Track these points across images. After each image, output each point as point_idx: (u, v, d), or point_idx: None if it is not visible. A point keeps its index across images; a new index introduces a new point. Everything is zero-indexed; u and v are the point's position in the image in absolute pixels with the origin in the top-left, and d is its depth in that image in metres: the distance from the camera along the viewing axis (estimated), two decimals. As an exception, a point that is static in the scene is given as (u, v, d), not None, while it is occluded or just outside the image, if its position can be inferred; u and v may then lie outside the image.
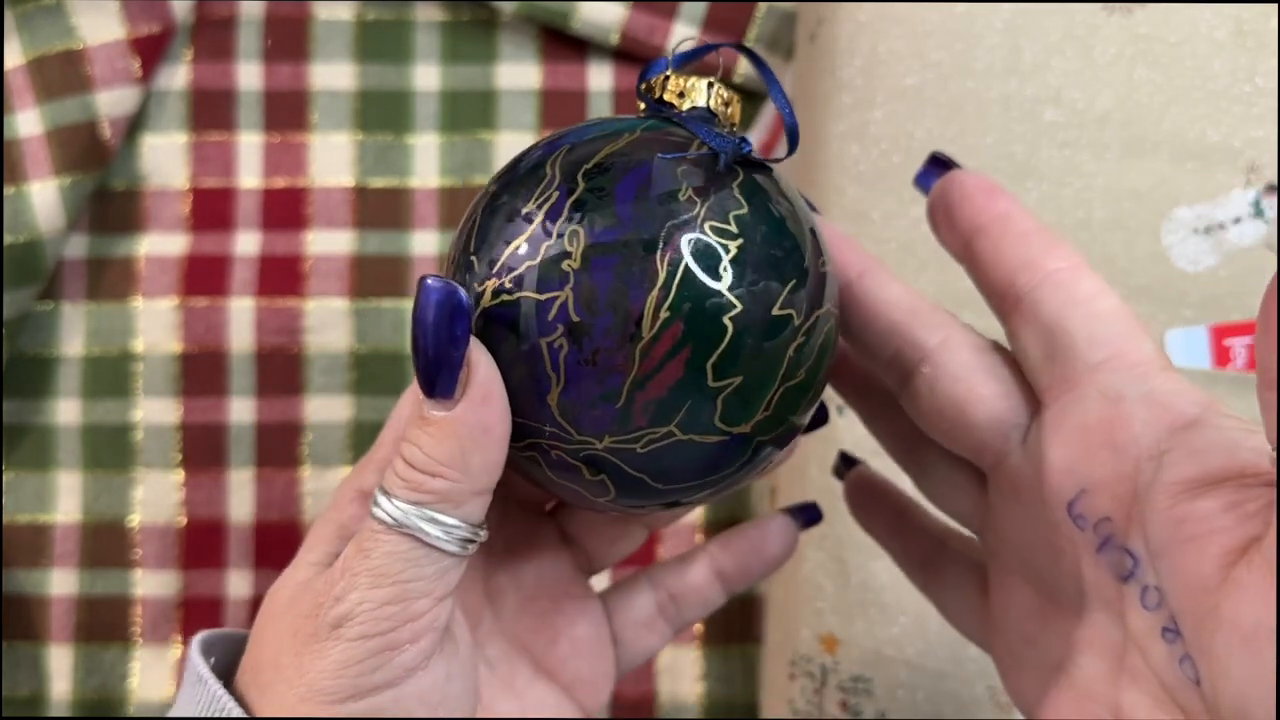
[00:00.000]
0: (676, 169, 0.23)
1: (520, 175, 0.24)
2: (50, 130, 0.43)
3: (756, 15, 0.45)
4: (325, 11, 0.47)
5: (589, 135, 0.24)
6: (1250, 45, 0.36)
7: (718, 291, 0.22)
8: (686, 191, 0.22)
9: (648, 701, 0.44)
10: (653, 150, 0.23)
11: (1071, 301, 0.23)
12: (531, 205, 0.23)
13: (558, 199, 0.23)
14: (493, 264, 0.23)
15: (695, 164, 0.23)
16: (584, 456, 0.23)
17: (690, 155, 0.23)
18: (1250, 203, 0.36)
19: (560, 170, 0.23)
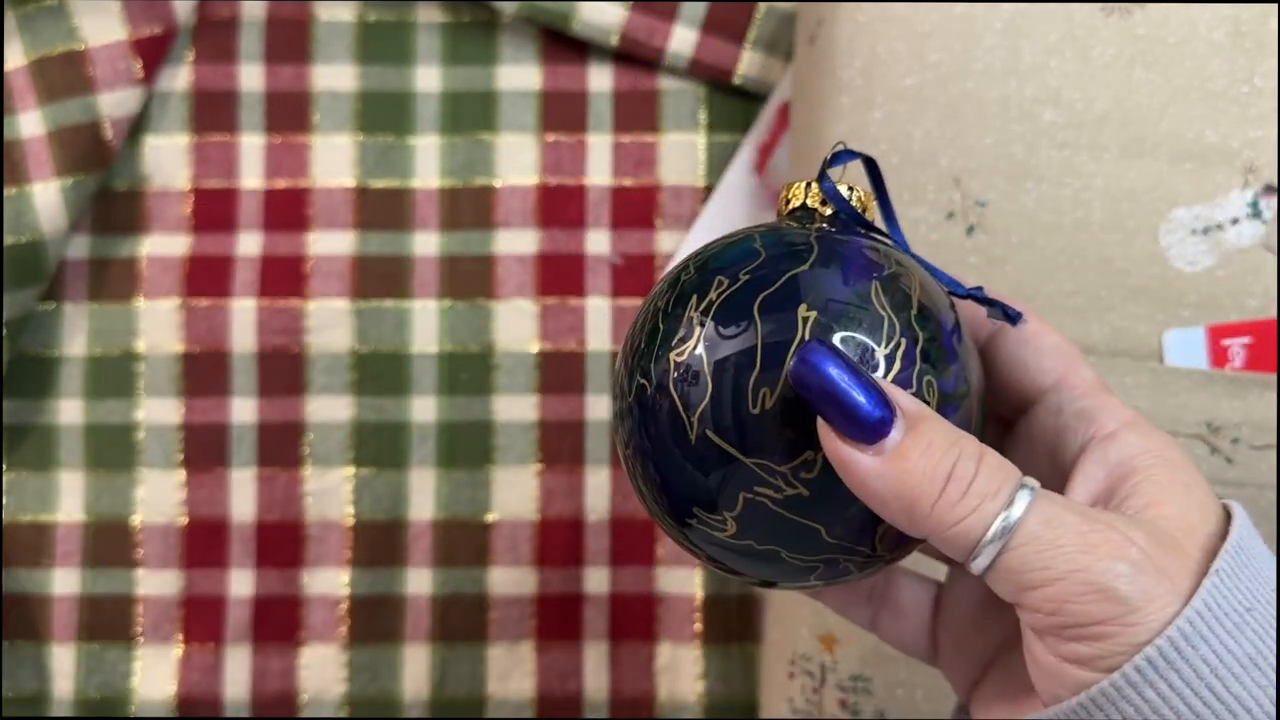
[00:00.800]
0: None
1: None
2: (52, 131, 0.44)
3: (756, 17, 0.45)
4: (326, 13, 0.47)
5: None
6: (1248, 46, 0.36)
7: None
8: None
9: (647, 701, 0.44)
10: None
11: (1021, 341, 0.28)
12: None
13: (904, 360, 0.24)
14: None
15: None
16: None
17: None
18: (1248, 203, 0.36)
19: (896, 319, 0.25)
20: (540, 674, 0.45)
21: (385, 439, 0.45)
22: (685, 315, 0.24)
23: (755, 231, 0.26)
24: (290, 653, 0.45)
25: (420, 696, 0.45)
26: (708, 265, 0.25)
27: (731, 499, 0.24)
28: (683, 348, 0.24)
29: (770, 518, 0.24)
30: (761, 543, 0.24)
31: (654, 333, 0.25)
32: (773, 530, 0.24)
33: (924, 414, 0.23)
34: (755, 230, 0.26)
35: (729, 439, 0.24)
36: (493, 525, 0.45)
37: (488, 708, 0.45)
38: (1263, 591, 0.23)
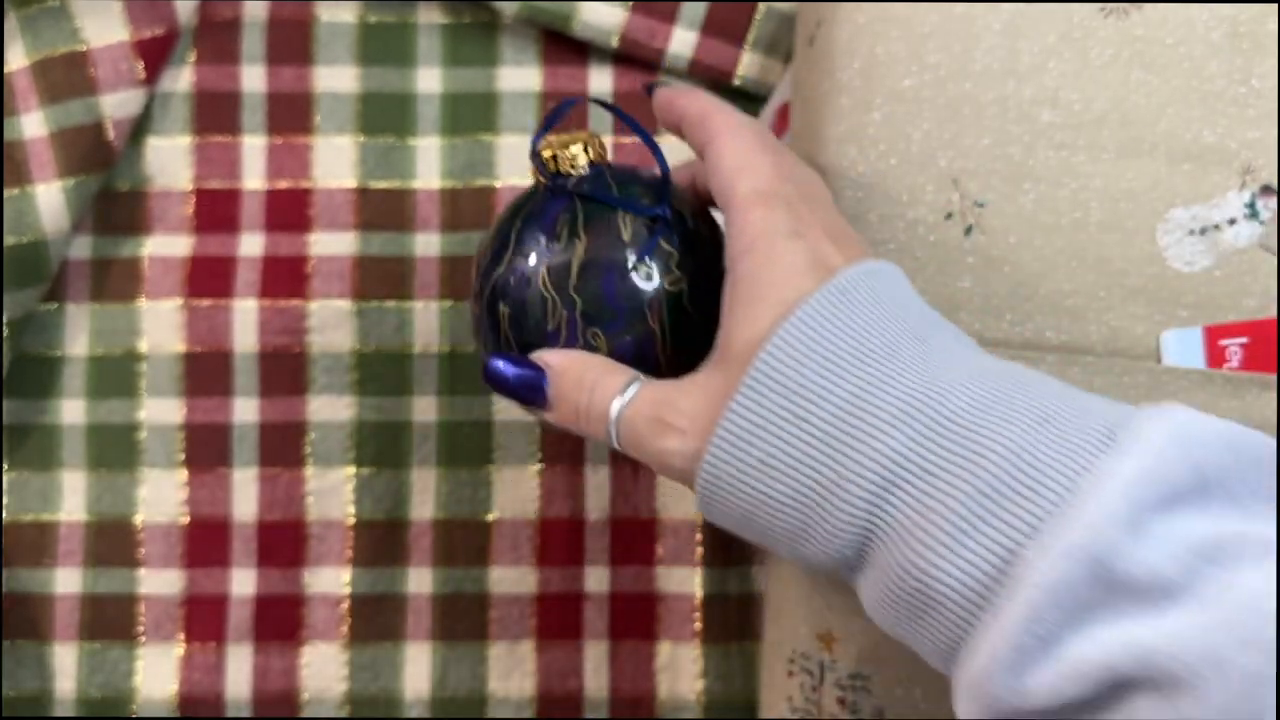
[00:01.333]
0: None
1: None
2: (54, 132, 0.44)
3: (756, 17, 0.45)
4: (328, 14, 0.47)
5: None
6: (1246, 47, 0.36)
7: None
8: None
9: (647, 700, 0.45)
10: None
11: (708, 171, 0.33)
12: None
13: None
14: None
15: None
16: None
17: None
18: (1245, 204, 0.36)
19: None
20: (540, 673, 0.45)
21: (386, 439, 0.45)
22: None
23: (517, 211, 0.35)
24: (291, 652, 0.45)
25: (421, 695, 0.45)
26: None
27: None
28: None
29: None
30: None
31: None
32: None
33: (559, 370, 0.32)
34: (519, 206, 0.35)
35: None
36: (493, 524, 0.45)
37: (488, 706, 0.45)
38: (792, 386, 0.28)
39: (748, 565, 0.45)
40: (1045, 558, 0.25)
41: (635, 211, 0.33)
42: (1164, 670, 0.24)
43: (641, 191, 0.34)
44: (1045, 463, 0.26)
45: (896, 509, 0.27)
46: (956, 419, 0.27)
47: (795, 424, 0.28)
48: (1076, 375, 0.36)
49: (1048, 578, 0.25)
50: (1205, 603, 0.24)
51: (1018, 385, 0.28)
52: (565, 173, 0.34)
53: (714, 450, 0.29)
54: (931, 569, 0.26)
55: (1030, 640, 0.25)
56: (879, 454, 0.27)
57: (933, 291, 0.37)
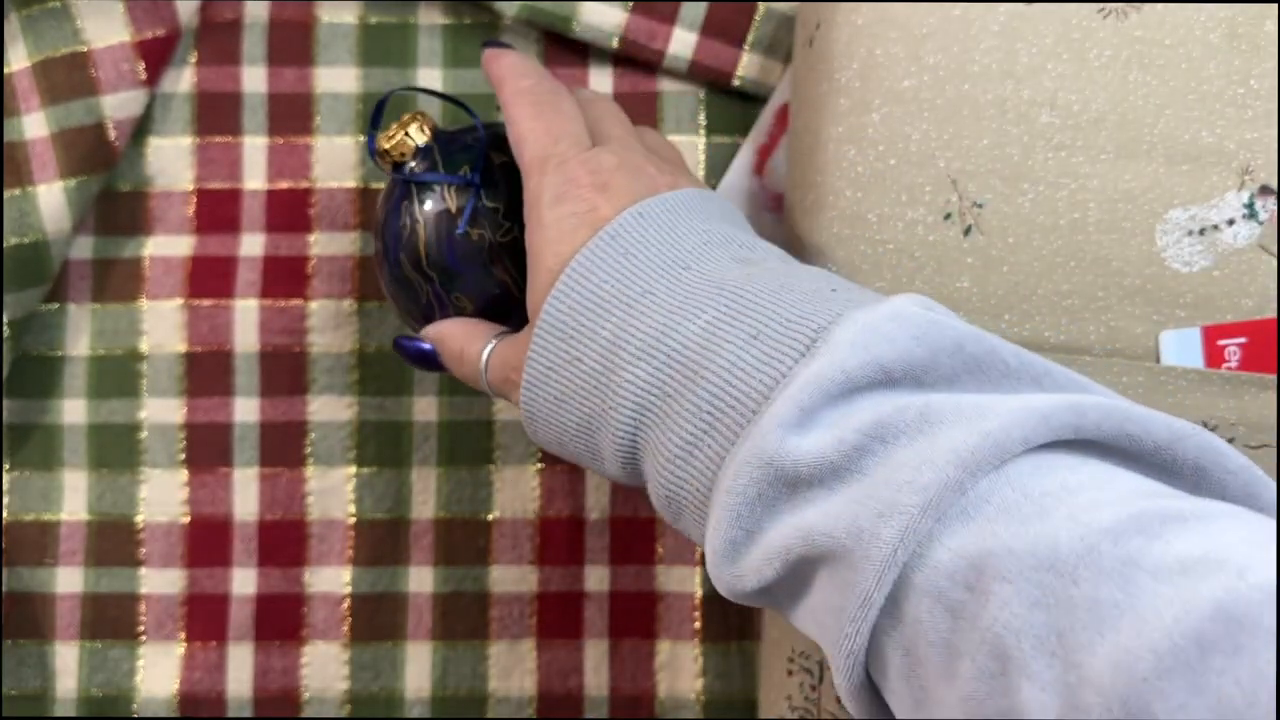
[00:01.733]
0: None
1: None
2: (56, 132, 0.44)
3: (755, 19, 0.45)
4: (329, 15, 0.47)
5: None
6: (1244, 48, 0.36)
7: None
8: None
9: (647, 699, 0.45)
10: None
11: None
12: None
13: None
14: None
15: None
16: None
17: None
18: (1244, 204, 0.36)
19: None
20: (541, 671, 0.45)
21: (387, 438, 0.46)
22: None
23: (380, 211, 0.39)
24: (293, 651, 0.45)
25: (422, 694, 0.45)
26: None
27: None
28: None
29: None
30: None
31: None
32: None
33: (437, 340, 0.38)
34: (380, 206, 0.40)
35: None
36: (494, 524, 0.45)
37: (489, 705, 0.45)
38: (569, 332, 0.33)
39: (747, 565, 0.45)
40: (733, 465, 0.28)
41: (450, 182, 0.37)
42: (821, 546, 0.27)
43: (464, 158, 0.38)
44: (750, 375, 0.29)
45: (649, 431, 0.31)
46: (687, 345, 0.30)
47: (571, 366, 0.32)
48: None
49: (737, 483, 0.28)
50: (861, 479, 0.27)
51: (751, 299, 0.30)
52: (401, 160, 0.38)
53: (522, 394, 0.34)
54: (673, 480, 0.30)
55: (739, 534, 0.28)
56: (631, 385, 0.31)
57: (931, 292, 0.37)
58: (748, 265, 0.32)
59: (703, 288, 0.31)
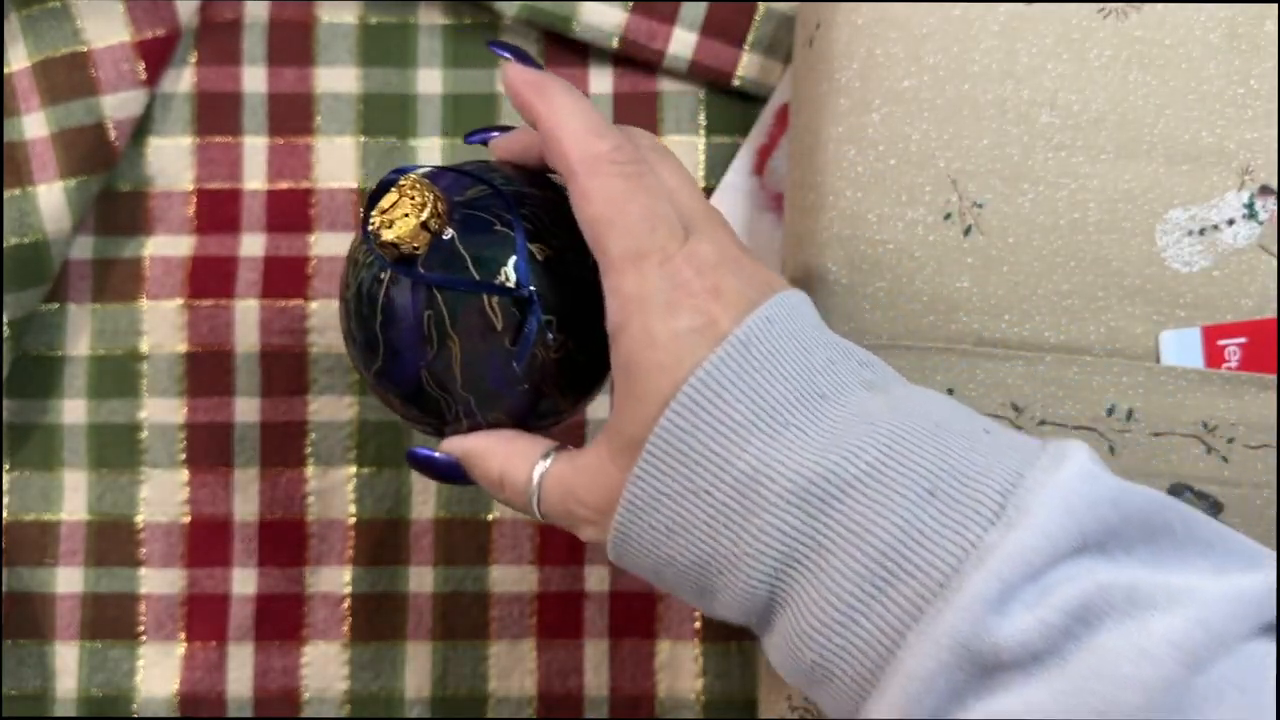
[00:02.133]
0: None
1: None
2: (56, 132, 0.44)
3: (755, 19, 0.45)
4: (329, 15, 0.47)
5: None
6: (1244, 48, 0.36)
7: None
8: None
9: (647, 698, 0.45)
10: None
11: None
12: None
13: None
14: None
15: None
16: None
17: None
18: (1244, 204, 0.36)
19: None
20: (541, 671, 0.45)
21: (387, 438, 0.46)
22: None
23: (373, 303, 0.33)
24: (293, 651, 0.45)
25: (422, 694, 0.45)
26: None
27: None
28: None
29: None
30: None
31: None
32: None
33: (468, 456, 0.33)
34: (372, 296, 0.33)
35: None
36: (494, 523, 0.45)
37: (489, 705, 0.45)
38: (687, 461, 0.28)
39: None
40: (921, 645, 0.25)
41: (498, 294, 0.31)
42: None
43: (497, 251, 0.31)
44: (932, 540, 0.26)
45: (795, 585, 0.27)
46: (848, 492, 0.27)
47: (693, 497, 0.28)
48: (1075, 375, 0.36)
49: (924, 667, 0.25)
50: (1066, 668, 0.24)
51: (913, 443, 0.27)
52: (413, 255, 0.31)
53: (619, 520, 0.29)
54: (828, 646, 0.27)
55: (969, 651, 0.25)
56: (778, 532, 0.27)
57: (931, 292, 0.37)
58: (879, 393, 0.29)
59: (849, 423, 0.28)
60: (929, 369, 0.37)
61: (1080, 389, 0.36)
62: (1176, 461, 0.36)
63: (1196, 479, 0.36)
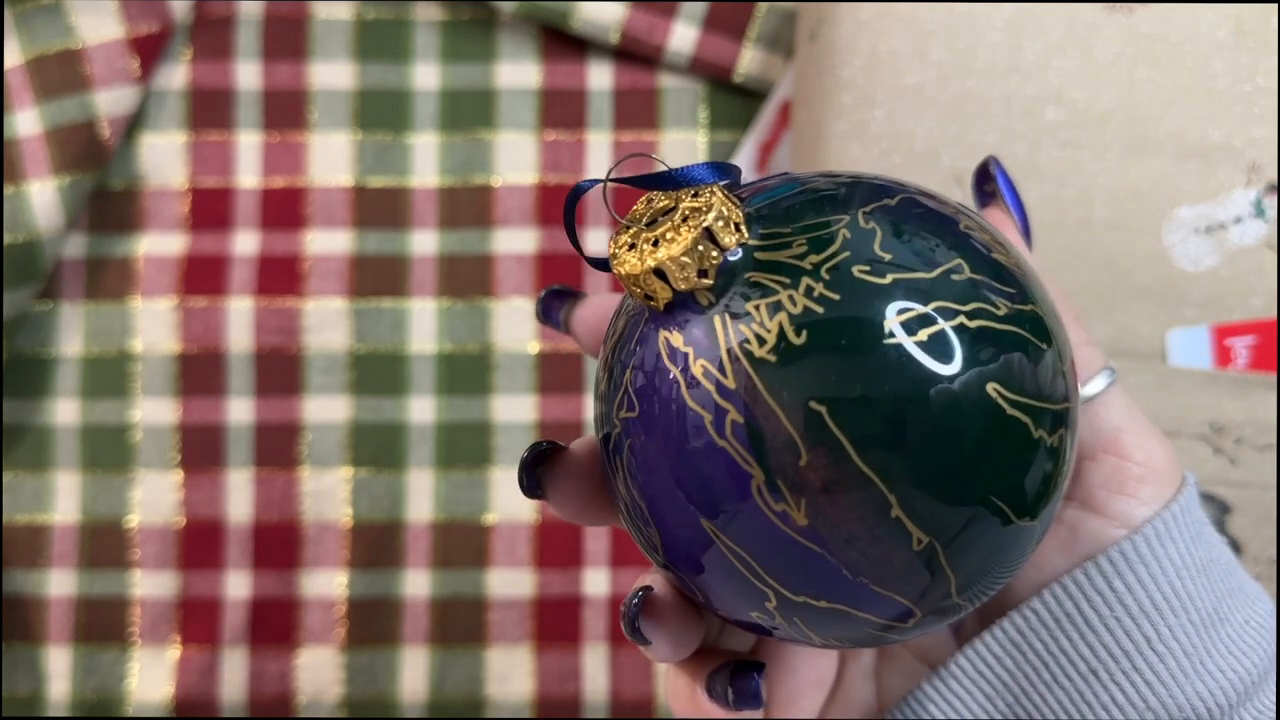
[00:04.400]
0: None
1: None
2: (49, 129, 0.43)
3: (757, 14, 0.45)
4: (324, 11, 0.47)
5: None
6: (1251, 45, 0.36)
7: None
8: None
9: (647, 702, 0.44)
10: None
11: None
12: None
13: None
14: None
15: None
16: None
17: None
18: (1251, 202, 0.36)
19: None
20: (539, 676, 0.44)
21: (383, 439, 0.45)
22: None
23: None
24: (287, 655, 0.45)
25: (418, 699, 0.44)
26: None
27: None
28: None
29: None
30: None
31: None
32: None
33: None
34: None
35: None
36: (491, 527, 0.45)
37: (486, 710, 0.44)
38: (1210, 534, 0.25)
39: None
40: None
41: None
42: None
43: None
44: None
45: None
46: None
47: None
48: (1081, 375, 0.36)
49: None
50: None
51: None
52: (694, 286, 0.19)
53: None
54: None
55: None
56: (1237, 672, 0.24)
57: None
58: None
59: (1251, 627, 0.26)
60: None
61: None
62: (1184, 463, 0.36)
63: (1204, 480, 0.36)
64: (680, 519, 0.19)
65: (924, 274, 0.18)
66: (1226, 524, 0.36)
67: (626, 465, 0.20)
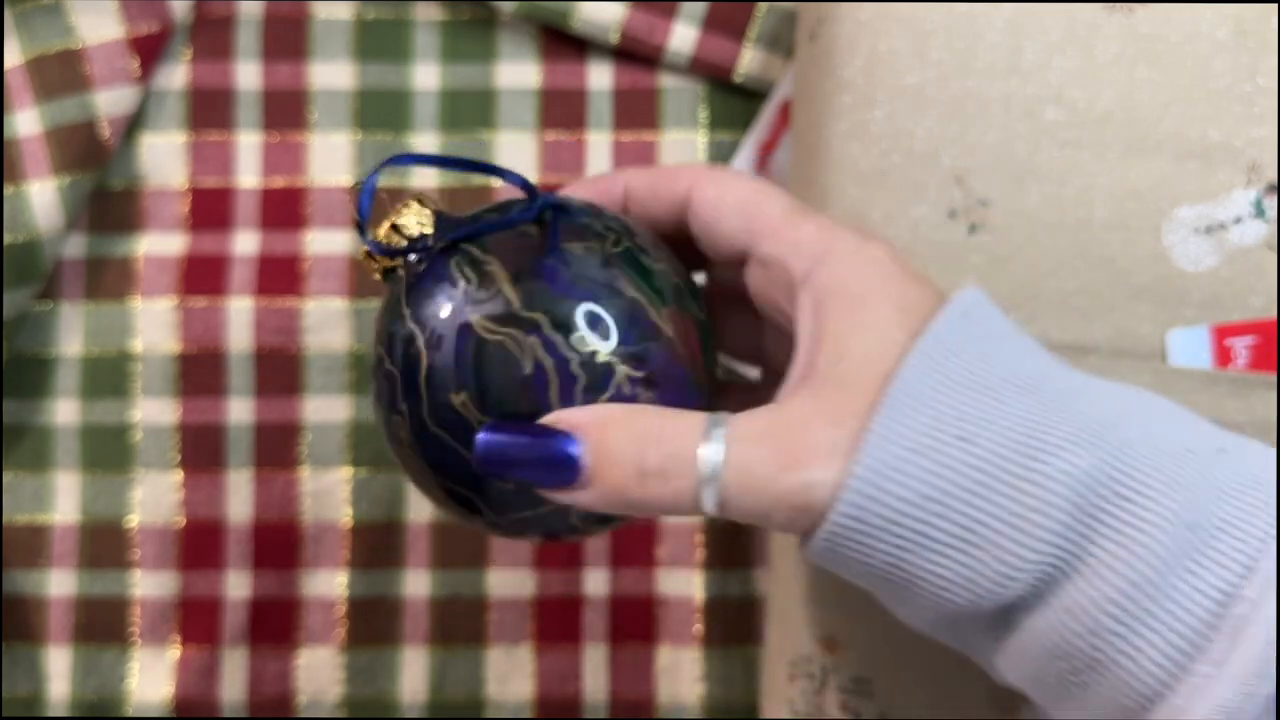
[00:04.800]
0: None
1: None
2: (49, 130, 0.44)
3: (757, 14, 0.45)
4: (324, 11, 0.47)
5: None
6: (1252, 45, 0.36)
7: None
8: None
9: (647, 703, 0.44)
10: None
11: (702, 216, 0.29)
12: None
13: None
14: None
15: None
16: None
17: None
18: (1251, 202, 0.36)
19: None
20: (539, 676, 0.44)
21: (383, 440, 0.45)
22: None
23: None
24: (287, 655, 0.45)
25: (418, 699, 0.44)
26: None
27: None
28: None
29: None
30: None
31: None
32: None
33: (596, 425, 0.24)
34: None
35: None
36: (491, 526, 0.45)
37: (486, 710, 0.44)
38: (945, 409, 0.23)
39: (748, 568, 0.45)
40: (1270, 595, 0.22)
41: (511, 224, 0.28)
42: None
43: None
44: (1246, 490, 0.23)
45: (1092, 542, 0.23)
46: (1142, 441, 0.23)
47: (958, 448, 0.23)
48: (1081, 375, 0.36)
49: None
50: None
51: (1181, 414, 0.25)
52: (402, 240, 0.29)
53: (857, 485, 0.23)
54: (1137, 609, 0.22)
55: (1266, 689, 0.22)
56: (1068, 476, 0.23)
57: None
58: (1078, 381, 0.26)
59: (1101, 385, 0.25)
60: (933, 369, 0.37)
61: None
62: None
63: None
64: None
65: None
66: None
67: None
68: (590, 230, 0.27)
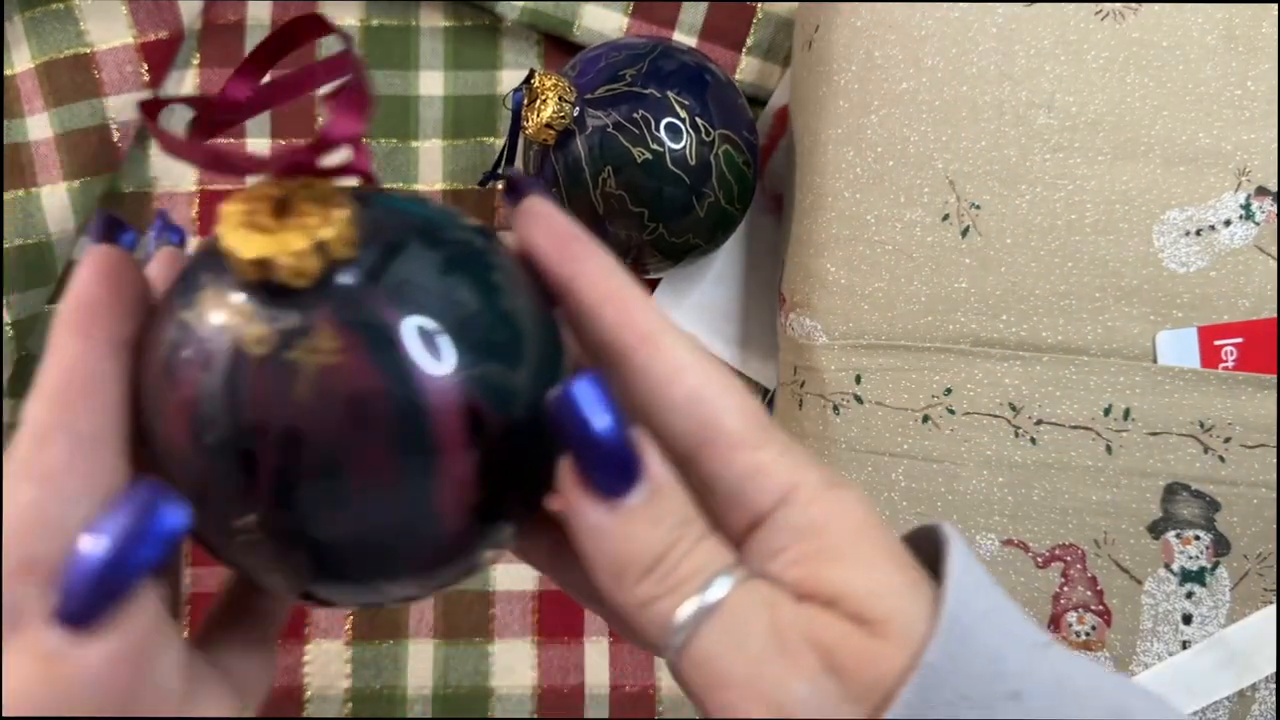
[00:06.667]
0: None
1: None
2: (60, 134, 0.44)
3: (754, 22, 0.46)
4: (330, 17, 0.47)
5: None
6: (1240, 50, 0.36)
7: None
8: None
9: (649, 696, 0.45)
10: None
11: (652, 399, 0.21)
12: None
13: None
14: None
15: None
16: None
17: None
18: (1240, 205, 0.36)
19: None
20: (542, 669, 0.45)
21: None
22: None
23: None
24: (296, 648, 0.45)
25: (424, 691, 0.45)
26: None
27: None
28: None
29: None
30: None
31: None
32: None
33: (669, 483, 0.20)
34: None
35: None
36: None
37: (490, 702, 0.45)
38: (978, 667, 0.19)
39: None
40: None
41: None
42: None
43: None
44: None
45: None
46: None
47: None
48: (1072, 375, 0.36)
49: None
50: None
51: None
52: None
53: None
54: None
55: None
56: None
57: (929, 292, 0.37)
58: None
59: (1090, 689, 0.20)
60: (927, 369, 0.37)
61: (1077, 389, 0.36)
62: (1173, 461, 0.36)
63: (1193, 478, 0.36)
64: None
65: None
66: (1215, 521, 0.36)
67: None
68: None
